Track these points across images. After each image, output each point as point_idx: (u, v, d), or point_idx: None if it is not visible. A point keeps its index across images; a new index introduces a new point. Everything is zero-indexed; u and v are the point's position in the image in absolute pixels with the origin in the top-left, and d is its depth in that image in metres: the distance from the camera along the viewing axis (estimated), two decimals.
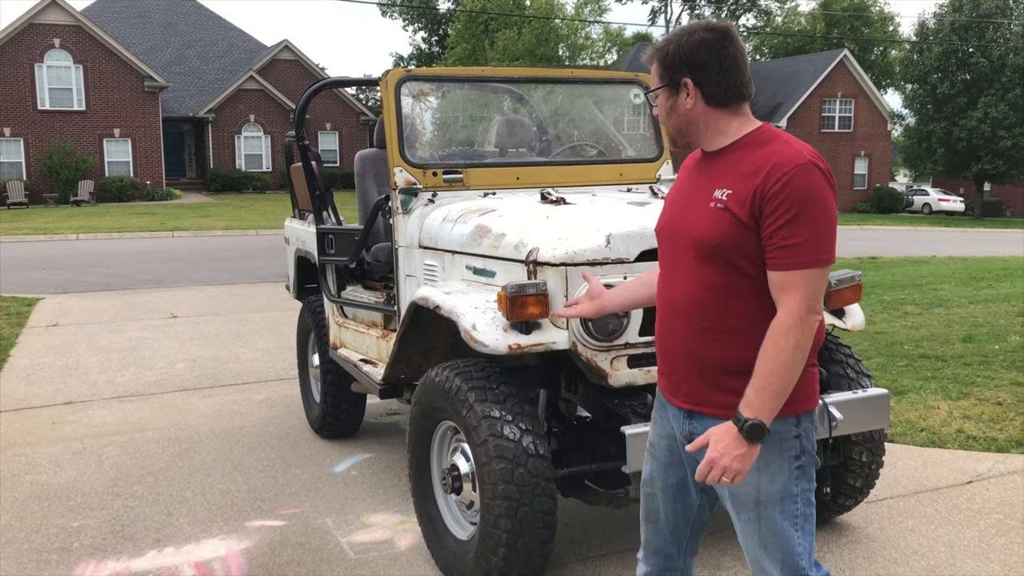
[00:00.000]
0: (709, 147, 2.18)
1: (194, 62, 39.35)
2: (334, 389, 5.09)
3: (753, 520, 2.15)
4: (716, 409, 2.14)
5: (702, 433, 2.16)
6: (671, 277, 2.22)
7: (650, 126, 4.64)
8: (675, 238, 2.20)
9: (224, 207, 29.55)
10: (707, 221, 2.09)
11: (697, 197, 2.15)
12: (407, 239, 4.04)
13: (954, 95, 36.34)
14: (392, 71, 4.13)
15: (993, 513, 4.09)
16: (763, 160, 2.04)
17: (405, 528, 4.00)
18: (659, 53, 2.17)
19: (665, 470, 2.35)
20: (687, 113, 2.15)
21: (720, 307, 2.10)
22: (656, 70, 2.18)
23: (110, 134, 32.60)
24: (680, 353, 2.19)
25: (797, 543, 2.14)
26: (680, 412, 2.24)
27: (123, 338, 8.58)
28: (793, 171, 1.99)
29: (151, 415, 5.94)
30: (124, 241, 19.93)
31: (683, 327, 2.16)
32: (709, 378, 2.14)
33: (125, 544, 3.89)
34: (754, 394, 2.01)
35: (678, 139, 2.23)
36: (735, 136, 2.14)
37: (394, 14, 56.16)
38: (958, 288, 12.01)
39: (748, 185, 2.03)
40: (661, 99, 2.19)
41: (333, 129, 39.31)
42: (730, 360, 2.10)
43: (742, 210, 2.03)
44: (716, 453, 2.03)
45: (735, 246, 2.05)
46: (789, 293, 2.00)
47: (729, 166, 2.11)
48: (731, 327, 2.10)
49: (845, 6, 53.88)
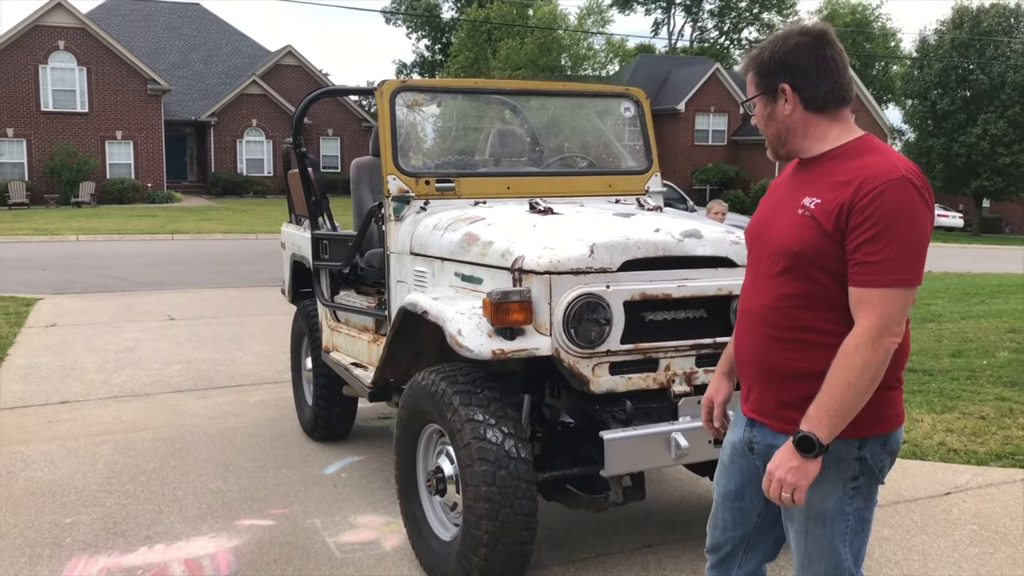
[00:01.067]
0: (808, 154, 2.15)
1: (197, 66, 39.51)
2: (326, 392, 5.17)
3: (801, 533, 2.17)
4: (775, 422, 2.15)
5: (761, 444, 2.21)
6: (752, 282, 2.23)
7: (640, 139, 4.73)
8: (759, 243, 2.21)
9: (225, 211, 29.65)
10: (792, 228, 2.08)
11: (787, 204, 2.15)
12: (399, 246, 4.13)
13: (954, 111, 36.50)
14: (387, 81, 4.23)
15: (969, 524, 4.17)
16: (855, 171, 2.01)
17: (391, 529, 4.07)
18: (754, 61, 2.16)
19: (726, 475, 2.38)
20: (786, 120, 2.14)
21: (791, 317, 2.09)
22: (752, 79, 2.17)
23: (112, 136, 32.71)
24: (749, 359, 2.21)
25: (844, 559, 2.14)
26: (745, 419, 2.28)
27: (120, 339, 8.66)
28: (884, 185, 1.95)
29: (146, 415, 6.02)
30: (124, 243, 20.01)
31: (754, 333, 2.18)
32: (773, 388, 2.15)
33: (116, 540, 3.97)
34: (814, 408, 1.99)
35: (778, 148, 2.20)
36: (835, 143, 2.12)
37: (398, 22, 56.51)
38: (951, 303, 12.09)
39: (837, 196, 2.01)
40: (759, 108, 2.17)
41: (335, 135, 39.46)
42: (794, 372, 2.09)
43: (828, 220, 2.01)
44: (772, 465, 2.04)
45: (816, 256, 2.03)
46: (865, 311, 1.97)
47: (821, 174, 2.09)
48: (799, 338, 2.08)
49: (847, 21, 54.11)
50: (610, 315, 3.21)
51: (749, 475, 2.31)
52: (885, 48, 56.32)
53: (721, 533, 2.43)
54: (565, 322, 3.16)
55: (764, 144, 2.28)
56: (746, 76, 2.21)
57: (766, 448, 2.19)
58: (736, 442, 2.33)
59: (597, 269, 3.24)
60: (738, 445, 2.32)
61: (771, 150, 2.25)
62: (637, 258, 3.30)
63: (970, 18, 36.89)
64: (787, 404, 2.12)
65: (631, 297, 3.25)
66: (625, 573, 3.65)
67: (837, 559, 2.15)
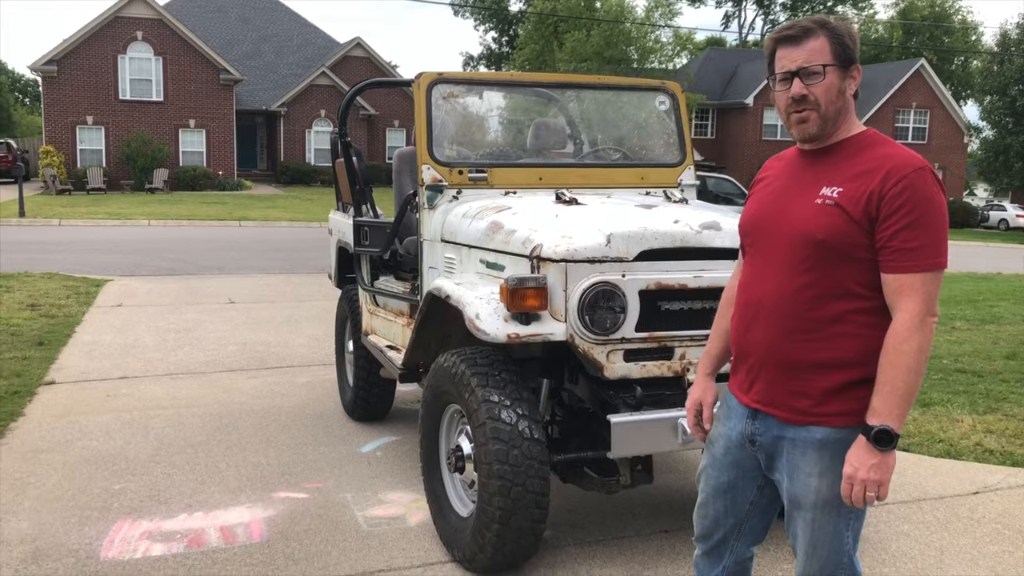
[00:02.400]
0: (835, 139, 2.15)
1: (269, 57, 40.37)
2: (365, 374, 5.35)
3: (810, 521, 2.19)
4: (785, 413, 2.17)
5: (766, 435, 2.22)
6: (760, 273, 2.21)
7: (675, 132, 4.79)
8: (771, 234, 2.19)
9: (292, 199, 30.31)
10: (814, 217, 2.08)
11: (800, 194, 2.15)
12: (431, 233, 4.27)
13: None
14: (424, 74, 4.36)
15: (992, 523, 4.15)
16: (879, 161, 2.05)
17: (418, 506, 4.22)
18: (835, 28, 2.11)
19: (718, 468, 2.39)
20: (848, 99, 2.13)
21: (811, 307, 2.10)
22: (829, 45, 2.09)
23: (186, 125, 33.67)
24: (761, 349, 2.20)
25: (846, 542, 2.20)
26: (745, 411, 2.28)
27: (181, 320, 9.01)
28: (913, 174, 2.02)
29: (198, 392, 6.29)
30: (193, 228, 20.65)
31: (769, 324, 2.16)
32: (787, 377, 2.15)
33: (159, 507, 4.20)
34: (880, 401, 2.01)
35: (826, 127, 2.13)
36: (848, 133, 2.16)
37: (466, 14, 56.74)
38: (1015, 306, 11.80)
39: (863, 185, 2.04)
40: (831, 78, 2.09)
41: (401, 126, 39.92)
42: (813, 362, 2.11)
43: (855, 208, 2.03)
44: (851, 469, 2.04)
45: (842, 244, 2.05)
46: (908, 296, 2.00)
47: (837, 164, 2.12)
48: (819, 329, 2.10)
49: (925, 15, 52.65)
50: (625, 303, 3.30)
51: (745, 467, 2.35)
52: (965, 42, 54.62)
53: (712, 523, 2.47)
54: (580, 309, 3.25)
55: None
56: (805, 40, 2.10)
57: (772, 440, 2.23)
58: (732, 435, 2.34)
59: (613, 258, 3.32)
60: (735, 438, 2.33)
61: (816, 128, 2.13)
62: (654, 248, 3.38)
63: None
64: (802, 394, 2.14)
65: (647, 286, 3.33)
66: (640, 556, 3.74)
67: (840, 543, 2.20)
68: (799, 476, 2.18)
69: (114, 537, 3.85)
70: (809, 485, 2.17)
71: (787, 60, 2.13)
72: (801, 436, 2.17)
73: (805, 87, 2.10)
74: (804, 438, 2.16)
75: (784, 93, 2.15)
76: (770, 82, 2.22)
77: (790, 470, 2.21)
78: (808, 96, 2.11)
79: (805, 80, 2.10)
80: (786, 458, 2.21)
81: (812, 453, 2.16)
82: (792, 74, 2.12)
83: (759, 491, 2.38)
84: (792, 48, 2.13)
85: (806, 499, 2.18)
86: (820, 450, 2.15)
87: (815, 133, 2.15)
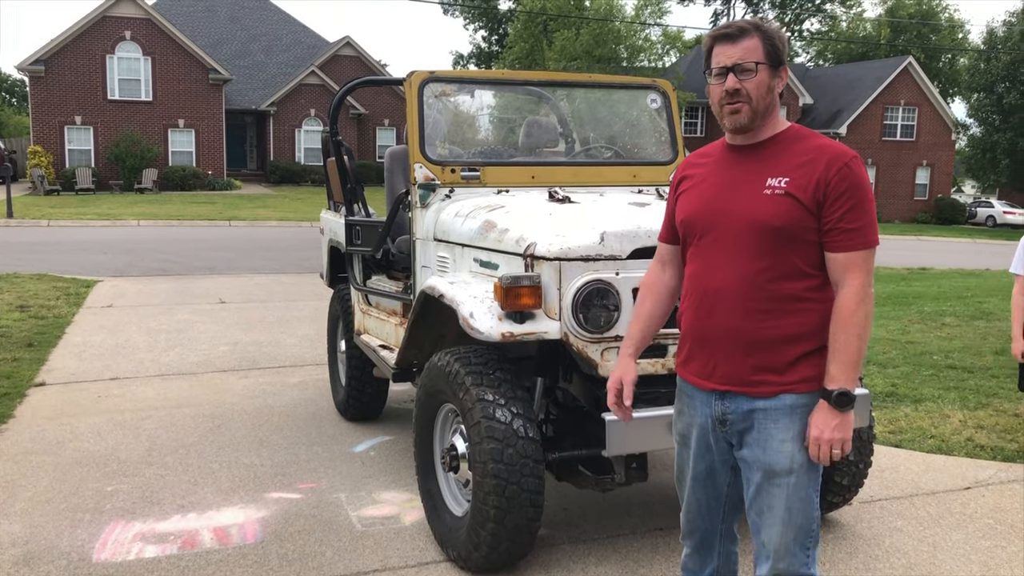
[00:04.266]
0: (762, 136, 2.32)
1: (258, 56, 40.24)
2: (358, 374, 5.34)
3: (784, 486, 2.29)
4: (753, 388, 2.30)
5: (737, 412, 2.34)
6: (712, 261, 2.34)
7: (666, 130, 4.79)
8: (722, 225, 2.32)
9: (281, 199, 30.23)
10: (765, 206, 2.24)
11: (743, 186, 2.30)
12: (424, 232, 4.26)
13: (1021, 105, 35.49)
14: (416, 72, 4.35)
15: (984, 518, 4.17)
16: (816, 152, 2.25)
17: (412, 505, 4.22)
18: (764, 31, 2.27)
19: (695, 458, 2.49)
20: (775, 97, 2.30)
21: (771, 288, 2.25)
22: (762, 46, 2.25)
23: (175, 124, 33.55)
24: (721, 333, 2.32)
25: (814, 505, 2.32)
26: (711, 396, 2.38)
27: (172, 320, 8.98)
28: (850, 162, 2.22)
29: (190, 393, 6.27)
30: (183, 229, 20.58)
31: (730, 308, 2.29)
32: (753, 356, 2.28)
33: (152, 508, 4.18)
34: (836, 367, 2.20)
35: (756, 120, 2.29)
36: (776, 130, 2.33)
37: (455, 12, 56.70)
38: (1003, 302, 11.84)
39: (808, 173, 2.22)
40: (762, 75, 2.26)
41: (391, 125, 39.87)
42: (779, 338, 2.26)
43: (805, 195, 2.21)
44: (816, 431, 2.23)
45: (795, 229, 2.22)
46: (853, 272, 2.21)
47: (775, 157, 2.29)
48: (781, 307, 2.26)
49: (912, 12, 52.87)
50: (619, 301, 3.30)
51: (717, 451, 2.46)
52: (951, 40, 54.88)
53: (696, 516, 2.56)
54: (574, 307, 3.25)
55: (830, 136, 2.36)
56: (741, 39, 2.26)
57: (743, 415, 2.34)
58: (701, 422, 2.44)
59: (607, 256, 3.32)
60: (705, 424, 2.43)
61: (746, 120, 2.28)
62: (647, 246, 3.38)
63: None
64: (767, 368, 2.28)
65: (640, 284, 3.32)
66: (634, 554, 3.75)
67: (811, 507, 2.33)
68: (772, 443, 2.30)
69: (107, 539, 3.84)
70: (784, 451, 2.29)
71: (723, 56, 2.28)
72: (772, 405, 2.30)
73: (739, 81, 2.27)
74: (775, 406, 2.30)
75: (719, 87, 2.30)
76: (706, 76, 2.37)
77: (763, 440, 2.31)
78: (741, 90, 2.27)
79: (739, 75, 2.27)
80: (758, 429, 2.32)
81: (784, 419, 2.29)
82: (727, 69, 2.27)
83: (732, 472, 2.48)
84: (729, 45, 2.28)
85: (781, 465, 2.30)
86: (790, 416, 2.29)
87: (745, 124, 2.31)
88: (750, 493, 2.37)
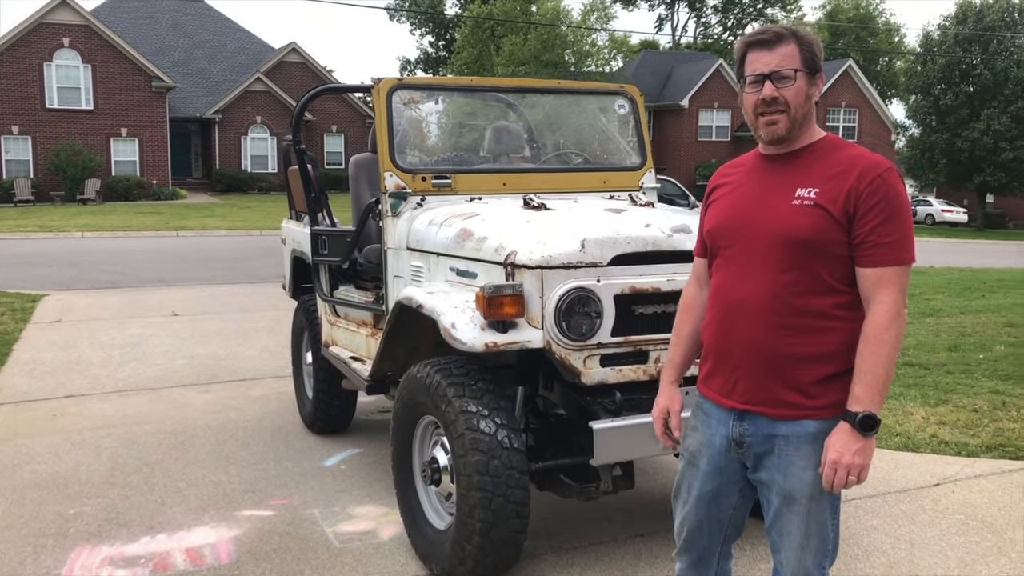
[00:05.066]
0: (793, 146, 2.22)
1: (202, 63, 39.62)
2: (326, 386, 5.25)
3: (803, 513, 2.21)
4: (775, 409, 2.19)
5: (755, 435, 2.23)
6: (737, 273, 2.25)
7: (635, 135, 4.79)
8: (749, 236, 2.23)
9: (229, 207, 29.76)
10: (794, 218, 2.14)
11: (773, 197, 2.21)
12: (395, 241, 4.20)
13: (957, 107, 36.40)
14: (384, 79, 4.30)
15: (956, 514, 4.23)
16: (849, 162, 2.14)
17: (389, 520, 4.15)
18: (804, 37, 2.18)
19: (703, 479, 2.38)
20: (812, 105, 2.20)
21: (797, 303, 2.15)
22: (799, 52, 2.16)
23: (117, 133, 32.86)
24: (745, 349, 2.22)
25: (831, 529, 2.25)
26: (730, 415, 2.28)
27: (125, 335, 8.75)
28: (884, 173, 2.12)
29: (149, 409, 6.10)
30: (129, 240, 20.13)
31: (754, 322, 2.19)
32: (775, 374, 2.18)
33: (119, 531, 4.05)
34: (862, 388, 2.07)
35: (793, 131, 2.19)
36: (811, 139, 2.23)
37: (401, 18, 56.52)
38: (951, 298, 12.14)
39: (839, 185, 2.11)
40: (800, 82, 2.16)
41: (339, 132, 39.55)
42: (802, 356, 2.15)
43: (835, 207, 2.10)
44: (835, 454, 2.08)
45: (824, 241, 2.11)
46: (886, 288, 2.09)
47: (808, 167, 2.19)
48: (806, 324, 2.15)
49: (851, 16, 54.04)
50: (601, 308, 3.28)
51: (728, 472, 2.35)
52: (889, 43, 56.23)
53: (696, 533, 2.46)
54: (556, 315, 3.23)
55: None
56: (778, 45, 2.16)
57: (762, 439, 2.24)
58: (715, 441, 2.33)
59: (588, 263, 3.30)
60: (718, 444, 2.33)
61: (783, 131, 2.18)
62: (627, 252, 3.37)
63: (973, 13, 36.77)
64: (792, 388, 2.17)
65: (621, 291, 3.32)
66: (618, 562, 3.73)
67: (828, 531, 2.26)
68: (794, 471, 2.21)
69: (73, 565, 3.70)
70: (805, 478, 2.20)
71: (759, 63, 2.18)
72: (794, 431, 2.20)
73: (776, 90, 2.16)
74: (797, 433, 2.19)
75: (755, 95, 2.19)
76: (739, 84, 2.27)
77: (784, 466, 2.22)
78: (779, 98, 2.17)
79: (777, 83, 2.16)
80: (778, 455, 2.23)
81: (806, 447, 2.19)
82: (764, 77, 2.17)
83: (740, 494, 2.40)
84: (764, 52, 2.18)
85: (802, 492, 2.21)
86: (813, 443, 2.18)
87: (783, 135, 2.20)
88: (770, 515, 2.30)
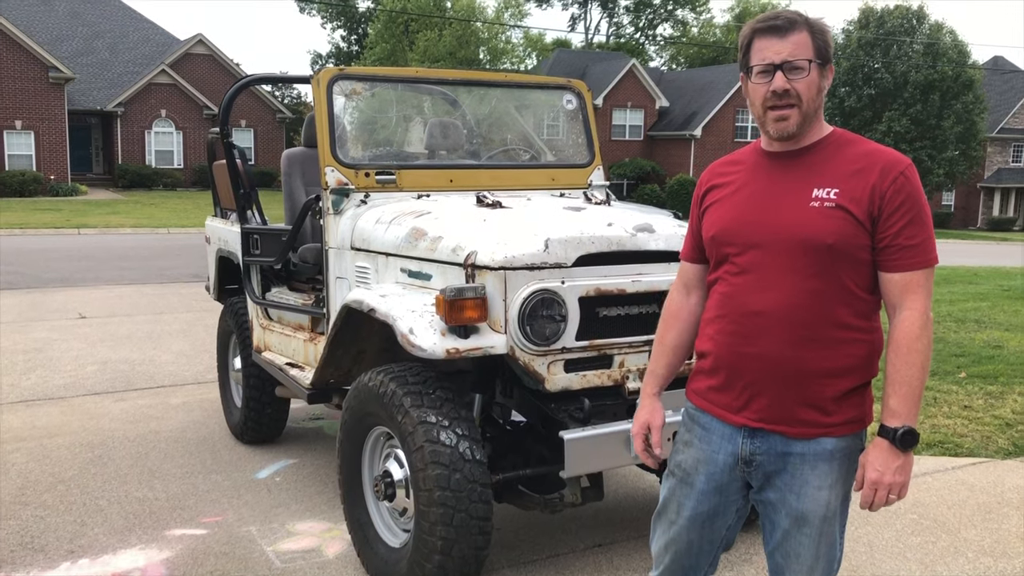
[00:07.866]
0: (801, 143, 2.05)
1: (103, 54, 37.99)
2: (257, 393, 4.96)
3: (814, 535, 2.09)
4: (793, 427, 2.04)
5: (768, 454, 2.07)
6: (755, 282, 2.05)
7: (583, 132, 4.66)
8: (764, 241, 2.03)
9: (133, 204, 28.60)
10: (816, 221, 1.97)
11: (785, 197, 2.03)
12: (338, 240, 3.96)
13: (860, 108, 37.65)
14: (325, 69, 4.05)
15: (908, 514, 4.23)
16: (867, 158, 1.99)
17: (333, 536, 3.91)
18: (816, 25, 2.01)
19: (699, 497, 2.20)
20: (822, 99, 2.05)
21: (823, 313, 1.99)
22: (812, 41, 1.99)
23: (11, 126, 31.25)
24: (764, 364, 2.04)
25: (839, 547, 2.15)
26: (738, 432, 2.11)
27: (28, 339, 8.21)
28: (906, 170, 1.98)
29: (60, 420, 5.69)
30: (27, 238, 19.08)
31: (776, 335, 2.01)
32: (796, 390, 2.02)
33: (36, 556, 3.71)
34: (898, 402, 1.94)
35: (804, 126, 2.03)
36: (820, 134, 2.06)
37: (312, 11, 55.41)
38: None
39: (860, 183, 1.96)
40: (814, 74, 2.00)
41: (248, 127, 38.46)
42: (824, 371, 2.00)
43: (859, 209, 1.95)
44: (875, 474, 1.95)
45: (849, 246, 1.96)
46: (914, 294, 1.96)
47: (821, 164, 2.02)
48: (831, 335, 1.99)
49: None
50: (565, 311, 3.13)
51: (728, 492, 2.18)
52: None
53: (684, 556, 2.28)
54: (520, 319, 3.06)
55: (686, 138, 2.16)
56: (790, 33, 1.99)
57: (775, 457, 2.08)
58: (719, 458, 2.15)
59: (552, 264, 3.14)
60: (722, 461, 2.15)
61: (794, 127, 2.01)
62: (591, 253, 3.22)
63: (875, 18, 38.09)
64: (811, 406, 2.02)
65: (586, 293, 3.17)
66: (578, 573, 3.58)
67: (835, 551, 2.15)
68: (808, 491, 2.07)
69: None
70: (819, 499, 2.06)
71: (770, 52, 1.99)
72: (811, 450, 2.05)
73: (788, 81, 1.98)
74: (814, 451, 2.05)
75: (764, 86, 2.00)
76: (744, 74, 2.07)
77: (797, 486, 2.07)
78: (791, 91, 1.99)
79: (789, 74, 1.98)
80: (791, 473, 2.08)
81: (823, 465, 2.05)
82: (775, 67, 1.98)
83: (736, 514, 2.24)
84: (775, 39, 1.99)
85: (816, 513, 2.07)
86: (830, 461, 2.05)
87: (793, 131, 2.03)
88: (775, 537, 2.14)
